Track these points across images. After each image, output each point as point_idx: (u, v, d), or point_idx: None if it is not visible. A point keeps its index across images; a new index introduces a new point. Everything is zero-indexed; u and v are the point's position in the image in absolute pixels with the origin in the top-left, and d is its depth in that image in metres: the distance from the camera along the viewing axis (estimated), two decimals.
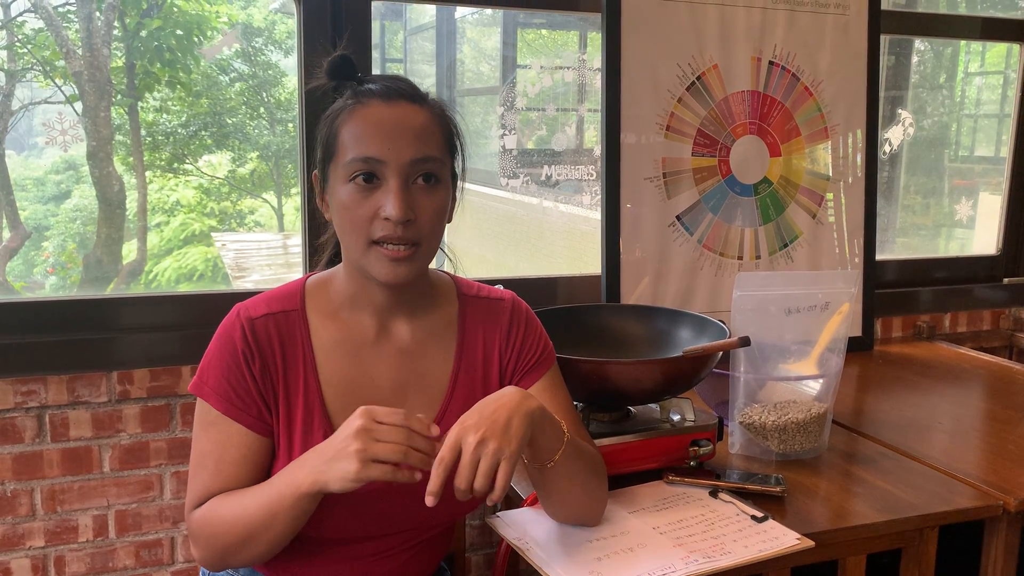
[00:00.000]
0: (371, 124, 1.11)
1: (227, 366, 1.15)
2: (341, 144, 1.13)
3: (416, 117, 1.13)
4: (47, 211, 2.28)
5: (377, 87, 1.15)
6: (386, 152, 1.10)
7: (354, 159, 1.11)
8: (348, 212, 1.12)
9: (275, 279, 2.66)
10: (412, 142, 1.11)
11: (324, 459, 1.04)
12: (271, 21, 2.43)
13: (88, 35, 1.90)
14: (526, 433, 1.07)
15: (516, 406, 1.07)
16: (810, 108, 2.20)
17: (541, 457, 1.14)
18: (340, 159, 1.12)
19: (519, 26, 2.44)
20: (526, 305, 1.32)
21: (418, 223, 1.12)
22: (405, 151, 1.11)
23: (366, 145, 1.10)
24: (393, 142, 1.10)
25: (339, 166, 1.13)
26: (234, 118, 2.39)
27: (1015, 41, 2.58)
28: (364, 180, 1.11)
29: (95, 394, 1.74)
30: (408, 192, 1.11)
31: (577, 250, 2.34)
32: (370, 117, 1.12)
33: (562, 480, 1.18)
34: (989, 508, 1.40)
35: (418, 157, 1.12)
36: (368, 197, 1.11)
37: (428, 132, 1.14)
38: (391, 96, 1.13)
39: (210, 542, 1.14)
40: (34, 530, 1.75)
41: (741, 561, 1.19)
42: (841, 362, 1.57)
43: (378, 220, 1.11)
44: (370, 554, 1.22)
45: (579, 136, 2.34)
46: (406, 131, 1.11)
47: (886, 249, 2.67)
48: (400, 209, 1.09)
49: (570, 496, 1.21)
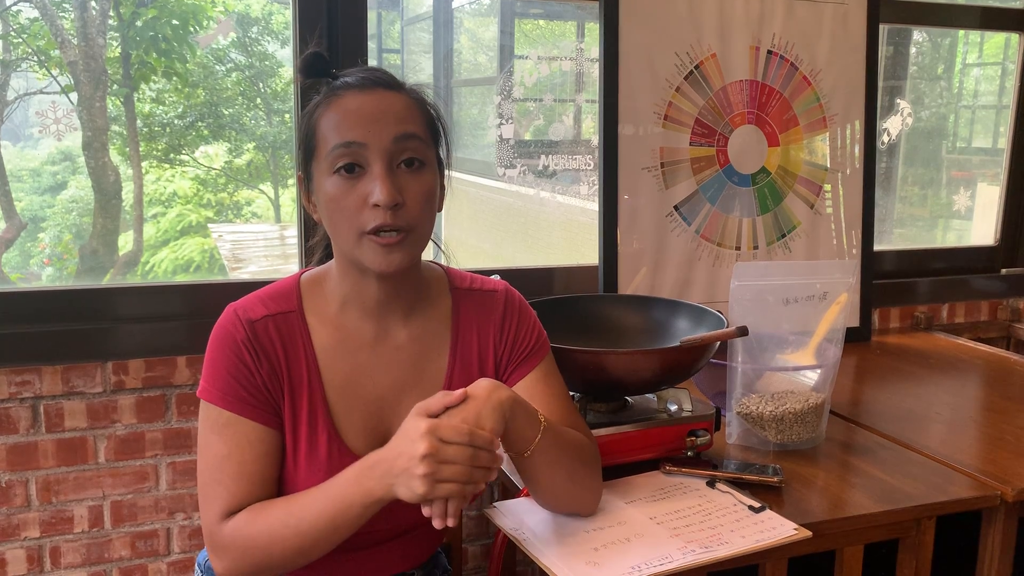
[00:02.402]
0: (349, 111, 1.10)
1: (233, 366, 1.13)
2: (320, 137, 1.11)
3: (395, 101, 1.12)
4: (43, 202, 2.28)
5: (352, 79, 1.13)
6: (366, 135, 1.08)
7: (335, 147, 1.09)
8: (335, 204, 1.10)
9: (272, 270, 2.65)
10: (392, 122, 1.09)
11: (393, 473, 1.03)
12: (267, 11, 2.42)
13: (83, 25, 1.89)
14: (497, 427, 1.06)
15: (486, 398, 1.07)
16: (808, 98, 2.19)
17: (517, 447, 1.14)
18: (321, 152, 1.11)
19: (516, 16, 2.43)
20: (519, 295, 1.31)
21: (407, 208, 1.10)
22: (386, 132, 1.09)
23: (345, 131, 1.09)
24: (373, 124, 1.09)
25: (321, 159, 1.11)
26: (230, 109, 2.38)
27: (1014, 30, 2.57)
28: (347, 170, 1.09)
29: (90, 384, 1.73)
30: (394, 176, 1.09)
31: (575, 240, 2.34)
32: (347, 105, 1.10)
33: (543, 468, 1.17)
34: (986, 498, 1.40)
35: (400, 134, 1.09)
36: (354, 186, 1.09)
37: (408, 112, 1.12)
38: (366, 84, 1.12)
39: (247, 554, 1.10)
40: (29, 521, 1.75)
41: (738, 551, 1.19)
42: (839, 352, 1.57)
43: (367, 209, 1.09)
44: (363, 544, 1.21)
45: (577, 126, 2.33)
46: (385, 113, 1.10)
47: (884, 240, 2.67)
48: (388, 193, 1.07)
49: (554, 485, 1.21)
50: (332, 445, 1.16)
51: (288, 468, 1.16)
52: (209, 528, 1.13)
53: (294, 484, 1.15)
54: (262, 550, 1.09)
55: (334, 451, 1.16)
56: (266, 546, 1.09)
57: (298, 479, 1.15)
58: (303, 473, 1.15)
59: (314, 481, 1.12)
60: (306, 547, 1.09)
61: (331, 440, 1.16)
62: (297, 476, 1.15)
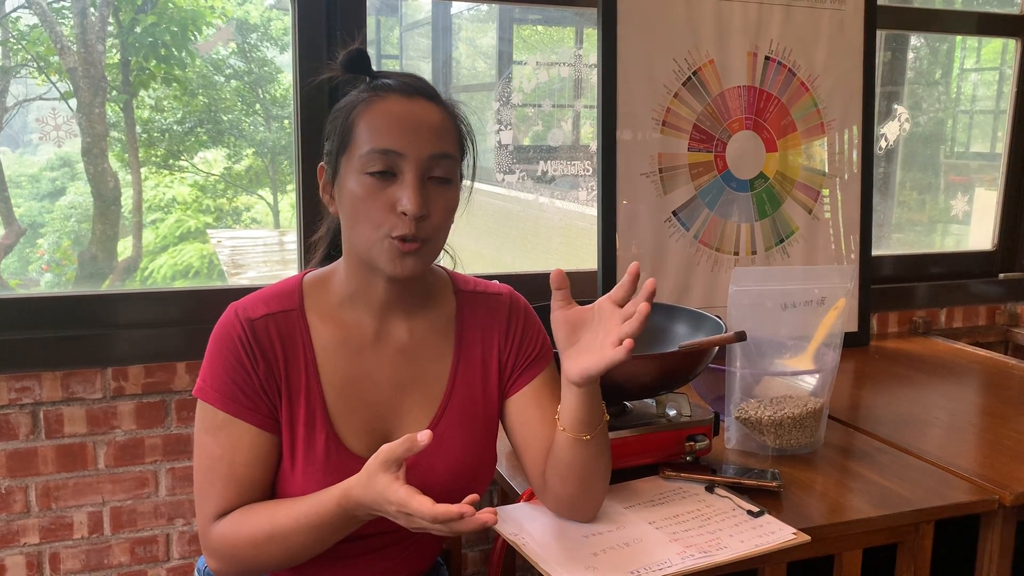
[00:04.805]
0: (391, 117, 1.11)
1: (231, 366, 1.13)
2: (358, 135, 1.12)
3: (434, 114, 1.13)
4: (42, 208, 2.28)
5: (395, 82, 1.15)
6: (405, 145, 1.10)
7: (372, 150, 1.10)
8: (362, 204, 1.11)
9: (271, 276, 2.65)
10: (430, 138, 1.11)
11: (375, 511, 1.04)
12: (267, 17, 2.42)
13: (82, 31, 1.89)
14: None
15: None
16: (806, 103, 2.20)
17: (583, 428, 1.15)
18: (355, 150, 1.12)
19: (515, 22, 2.44)
20: (524, 299, 1.31)
21: (431, 220, 1.12)
22: (424, 146, 1.11)
23: (386, 137, 1.10)
24: (413, 136, 1.10)
25: (354, 157, 1.12)
26: (230, 115, 2.39)
27: (1011, 36, 2.58)
28: (380, 174, 1.10)
29: (90, 390, 1.73)
30: (424, 188, 1.11)
31: (573, 246, 2.34)
32: (390, 110, 1.11)
33: (589, 459, 1.18)
34: (985, 502, 1.40)
35: (436, 153, 1.11)
36: (384, 190, 1.10)
37: (445, 129, 1.14)
38: (410, 92, 1.13)
39: (235, 557, 1.12)
40: (29, 527, 1.74)
41: (737, 556, 1.19)
42: (837, 357, 1.57)
43: (393, 215, 1.10)
44: (364, 551, 1.21)
45: (575, 132, 2.34)
46: (425, 126, 1.11)
47: (882, 245, 2.67)
48: (417, 204, 1.09)
49: (587, 476, 1.20)
50: (330, 445, 1.16)
51: (285, 468, 1.16)
52: (201, 528, 1.15)
53: (292, 484, 1.15)
54: (248, 556, 1.12)
55: (332, 451, 1.16)
56: (251, 554, 1.11)
57: (295, 479, 1.15)
58: (300, 473, 1.15)
59: (311, 481, 1.13)
60: (291, 557, 1.11)
61: (329, 440, 1.16)
62: (295, 476, 1.15)
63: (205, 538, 1.15)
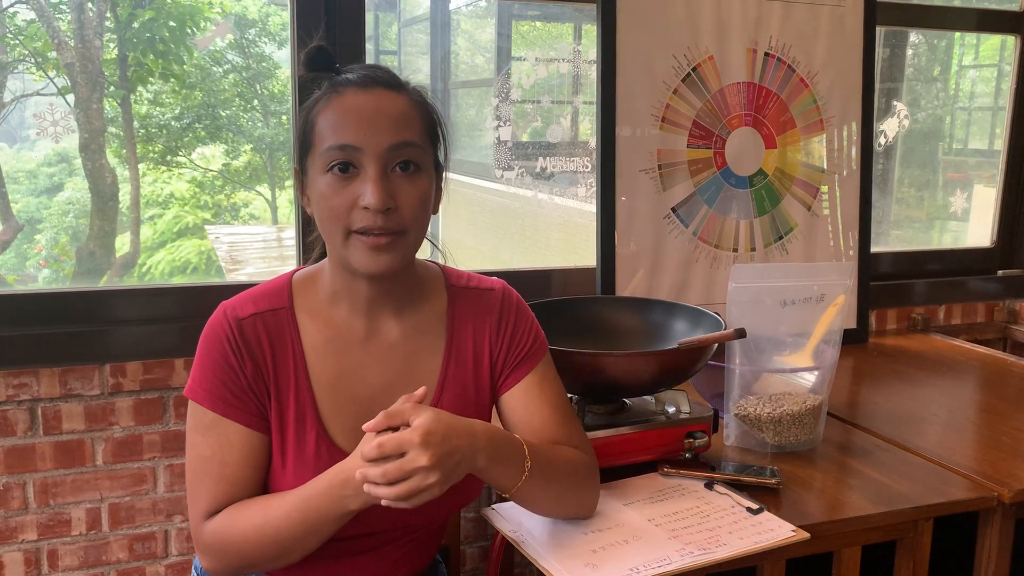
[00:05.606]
0: (347, 111, 1.09)
1: (219, 367, 1.13)
2: (317, 134, 1.11)
3: (394, 103, 1.11)
4: (39, 204, 2.27)
5: (354, 76, 1.13)
6: (362, 139, 1.08)
7: (330, 147, 1.09)
8: (326, 202, 1.10)
9: (269, 272, 2.65)
10: (389, 128, 1.09)
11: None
12: (265, 13, 2.41)
13: (80, 26, 1.89)
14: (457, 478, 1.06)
15: (472, 454, 1.06)
16: (805, 100, 2.19)
17: (501, 487, 1.14)
18: (317, 149, 1.10)
19: (514, 18, 2.44)
20: (517, 294, 1.29)
21: (400, 212, 1.10)
22: (382, 137, 1.09)
23: (342, 132, 1.09)
24: (370, 128, 1.08)
25: (316, 156, 1.11)
26: (228, 110, 2.38)
27: (1010, 33, 2.57)
28: (340, 169, 1.09)
29: (88, 387, 1.73)
30: (387, 180, 1.09)
31: (572, 243, 2.34)
32: (346, 104, 1.10)
33: (531, 494, 1.17)
34: (983, 500, 1.40)
35: (396, 143, 1.09)
36: (346, 186, 1.09)
37: (406, 118, 1.11)
38: (367, 83, 1.11)
39: (227, 555, 1.12)
40: (27, 523, 1.74)
41: (736, 553, 1.19)
42: (836, 354, 1.57)
43: (357, 210, 1.08)
44: (362, 550, 1.21)
45: (574, 128, 2.34)
46: (383, 117, 1.09)
47: (881, 241, 2.67)
48: (379, 197, 1.07)
49: (544, 505, 1.22)
50: (320, 443, 1.16)
51: (276, 466, 1.16)
52: (193, 526, 1.15)
53: (282, 482, 1.15)
54: (239, 552, 1.11)
55: (322, 450, 1.16)
56: (242, 550, 1.11)
57: (286, 477, 1.15)
58: (291, 471, 1.15)
59: (302, 479, 1.12)
60: (283, 552, 1.11)
61: (319, 438, 1.16)
62: (285, 474, 1.15)
63: (197, 537, 1.15)
